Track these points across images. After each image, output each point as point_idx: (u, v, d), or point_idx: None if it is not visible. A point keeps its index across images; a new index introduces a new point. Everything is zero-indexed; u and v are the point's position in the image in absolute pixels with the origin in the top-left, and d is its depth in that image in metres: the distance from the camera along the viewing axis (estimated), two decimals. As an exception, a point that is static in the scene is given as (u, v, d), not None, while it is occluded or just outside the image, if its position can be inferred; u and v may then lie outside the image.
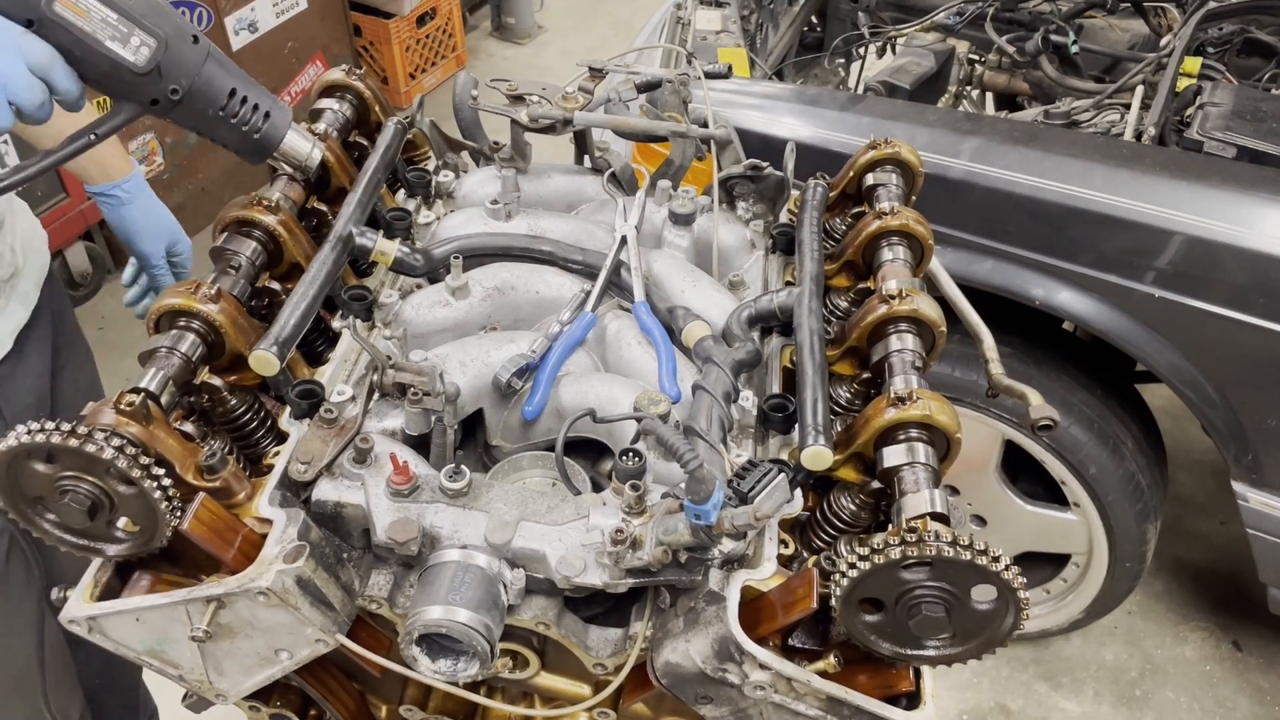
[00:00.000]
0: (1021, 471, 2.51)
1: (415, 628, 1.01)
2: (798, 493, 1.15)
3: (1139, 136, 2.26)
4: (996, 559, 0.94)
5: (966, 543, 0.94)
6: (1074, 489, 2.32)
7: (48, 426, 0.96)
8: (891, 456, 1.08)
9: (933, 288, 1.43)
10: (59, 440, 0.95)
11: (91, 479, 0.99)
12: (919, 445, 1.08)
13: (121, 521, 1.04)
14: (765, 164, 1.52)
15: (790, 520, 1.16)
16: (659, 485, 1.09)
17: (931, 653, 1.03)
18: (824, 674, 1.03)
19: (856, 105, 2.36)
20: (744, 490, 0.97)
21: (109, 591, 1.10)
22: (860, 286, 1.38)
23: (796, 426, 1.13)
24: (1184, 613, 2.89)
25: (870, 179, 1.45)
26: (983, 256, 2.12)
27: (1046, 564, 2.59)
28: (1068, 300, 2.07)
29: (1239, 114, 2.18)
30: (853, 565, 0.98)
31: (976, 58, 3.10)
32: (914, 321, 1.21)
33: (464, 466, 1.10)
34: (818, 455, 1.07)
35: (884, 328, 1.22)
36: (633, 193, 1.56)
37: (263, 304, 1.28)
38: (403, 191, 1.55)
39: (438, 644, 1.05)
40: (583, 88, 1.51)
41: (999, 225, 2.09)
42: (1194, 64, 2.48)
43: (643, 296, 1.31)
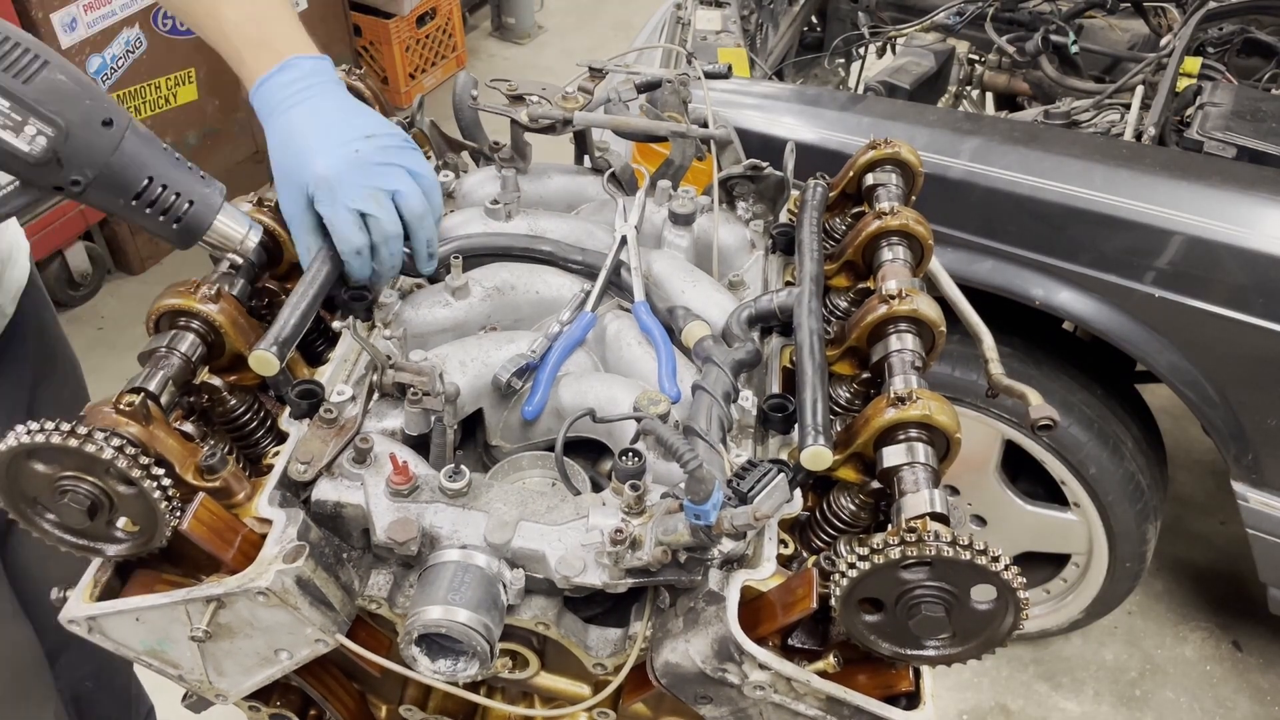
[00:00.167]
0: (1021, 471, 2.51)
1: (415, 628, 1.01)
2: (797, 493, 1.15)
3: (1139, 136, 2.26)
4: (996, 559, 0.94)
5: (966, 543, 0.94)
6: (1074, 489, 2.32)
7: (47, 426, 0.96)
8: (891, 456, 1.08)
9: (933, 288, 1.43)
10: (59, 440, 0.95)
11: (91, 479, 0.99)
12: (919, 445, 1.08)
13: (121, 521, 1.04)
14: (765, 164, 1.52)
15: (790, 520, 1.16)
16: (659, 485, 1.09)
17: (931, 653, 1.03)
18: (824, 674, 1.03)
19: (856, 105, 2.36)
20: (744, 490, 0.97)
21: (109, 591, 1.10)
22: (860, 286, 1.38)
23: (796, 426, 1.13)
24: (1184, 613, 2.89)
25: (870, 179, 1.45)
26: (983, 256, 2.12)
27: (1046, 564, 2.59)
28: (1068, 300, 2.07)
29: (1239, 114, 2.18)
30: (852, 565, 0.98)
31: (976, 58, 3.10)
32: (914, 321, 1.21)
33: (464, 466, 1.10)
34: (817, 455, 1.07)
35: (884, 328, 1.22)
36: (633, 193, 1.56)
37: (263, 304, 1.28)
38: (403, 191, 1.55)
39: (437, 644, 1.05)
40: (583, 88, 1.52)
41: (999, 225, 2.09)
42: (1194, 64, 2.48)
43: (643, 296, 1.31)
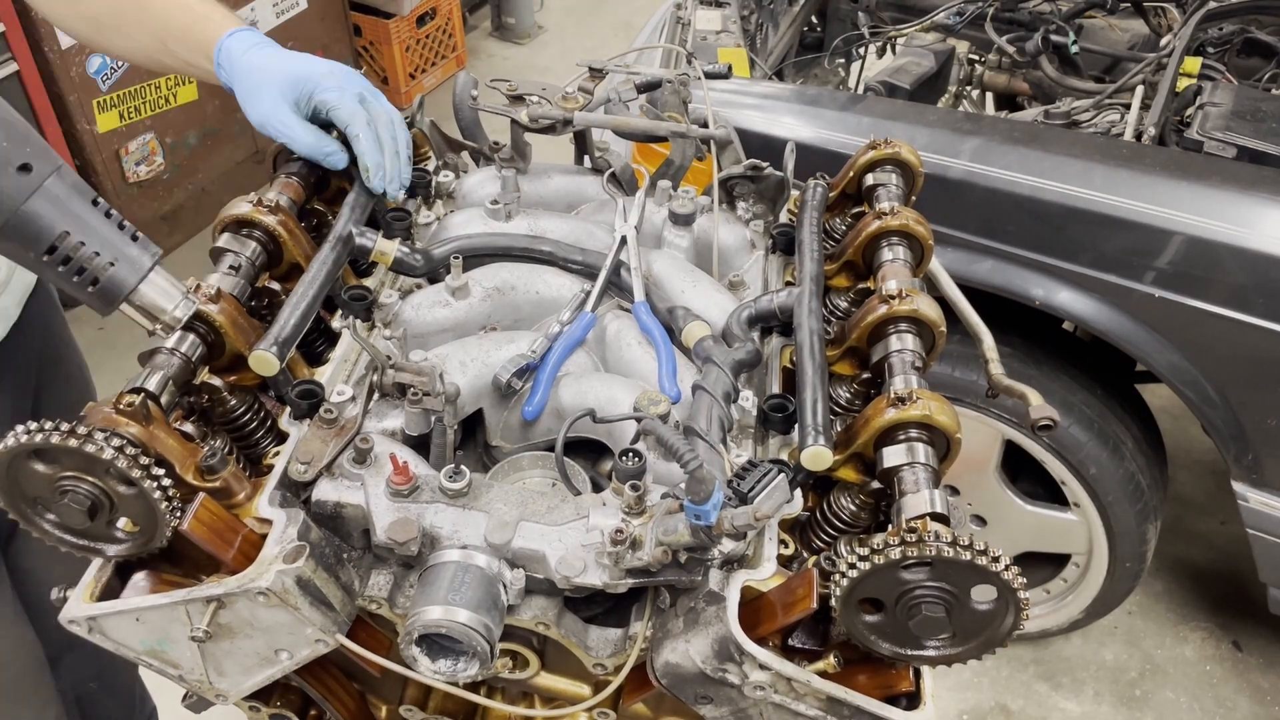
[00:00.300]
0: (1021, 471, 2.51)
1: (415, 628, 1.01)
2: (797, 493, 1.15)
3: (1139, 136, 2.26)
4: (996, 559, 0.94)
5: (966, 543, 0.94)
6: (1074, 489, 2.32)
7: (47, 426, 0.96)
8: (891, 456, 1.08)
9: (933, 288, 1.43)
10: (59, 440, 0.95)
11: (91, 479, 0.99)
12: (919, 445, 1.08)
13: (121, 522, 1.04)
14: (765, 164, 1.52)
15: (790, 520, 1.16)
16: (659, 485, 1.09)
17: (931, 653, 1.03)
18: (824, 674, 1.03)
19: (856, 105, 2.36)
20: (744, 490, 0.97)
21: (109, 591, 1.10)
22: (860, 286, 1.38)
23: (796, 426, 1.13)
24: (1184, 613, 2.89)
25: (870, 179, 1.45)
26: (983, 256, 2.12)
27: (1046, 564, 2.59)
28: (1068, 300, 2.07)
29: (1239, 114, 2.18)
30: (853, 565, 0.98)
31: (976, 58, 3.10)
32: (914, 321, 1.21)
33: (464, 466, 1.10)
34: (818, 455, 1.07)
35: (884, 328, 1.22)
36: (633, 193, 1.56)
37: (263, 304, 1.28)
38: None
39: (438, 644, 1.05)
40: (583, 88, 1.51)
41: (999, 225, 2.09)
42: (1194, 64, 2.48)
43: (643, 297, 1.31)
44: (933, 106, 2.90)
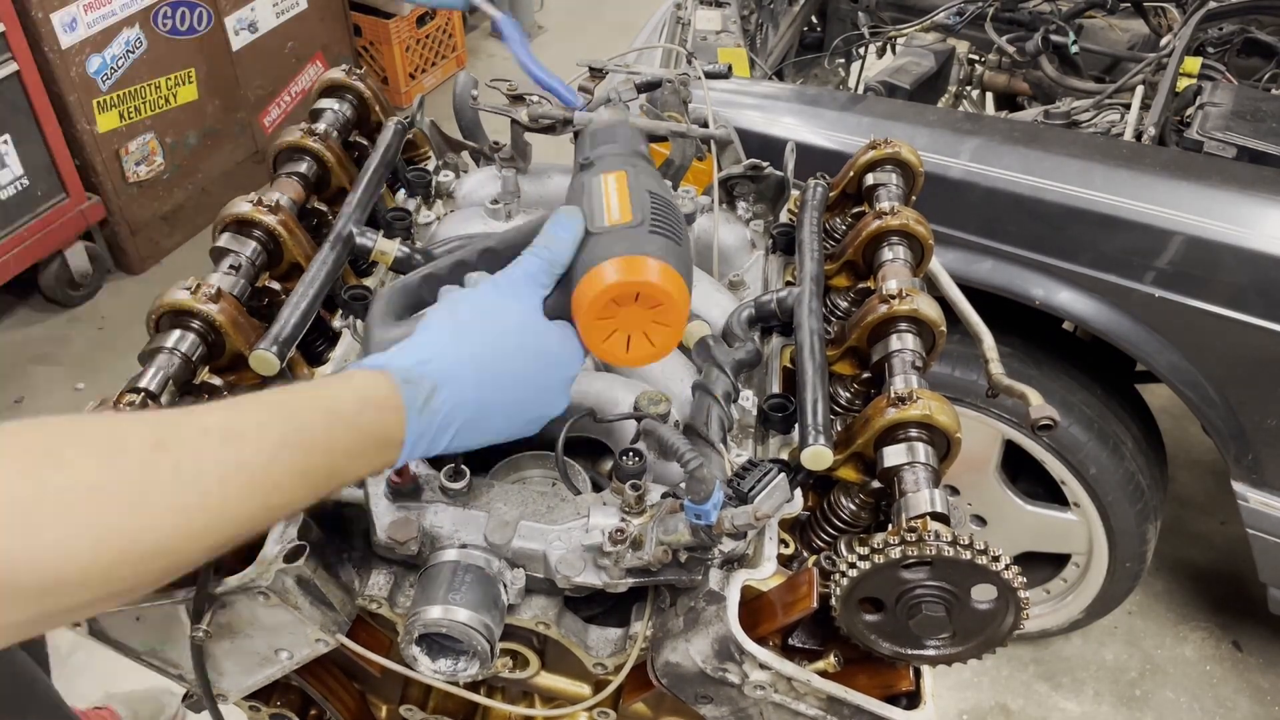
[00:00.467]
0: (1021, 471, 2.51)
1: (415, 627, 1.01)
2: (798, 493, 1.15)
3: (1139, 136, 2.26)
4: (996, 559, 0.94)
5: (966, 542, 0.94)
6: (1074, 489, 2.32)
7: (48, 426, 0.96)
8: (891, 456, 1.08)
9: (933, 288, 1.43)
10: (59, 440, 0.95)
11: (91, 479, 0.99)
12: (919, 445, 1.08)
13: (121, 521, 1.04)
14: (765, 164, 1.52)
15: (790, 520, 1.16)
16: (659, 485, 1.09)
17: (931, 652, 1.03)
18: (824, 674, 1.03)
19: (856, 105, 2.36)
20: (744, 490, 0.97)
21: (109, 591, 1.10)
22: (860, 286, 1.38)
23: (796, 426, 1.13)
24: (1184, 613, 2.89)
25: (870, 179, 1.45)
26: (983, 256, 2.12)
27: (1046, 564, 2.59)
28: (1068, 300, 2.07)
29: (1239, 114, 2.18)
30: (853, 565, 0.98)
31: (976, 58, 3.10)
32: (914, 321, 1.21)
33: (464, 466, 1.10)
34: (818, 455, 1.07)
35: (884, 328, 1.22)
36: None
37: (263, 304, 1.28)
38: (403, 191, 1.55)
39: (438, 644, 1.05)
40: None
41: (999, 225, 2.09)
42: (1194, 64, 2.48)
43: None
44: (933, 106, 2.90)
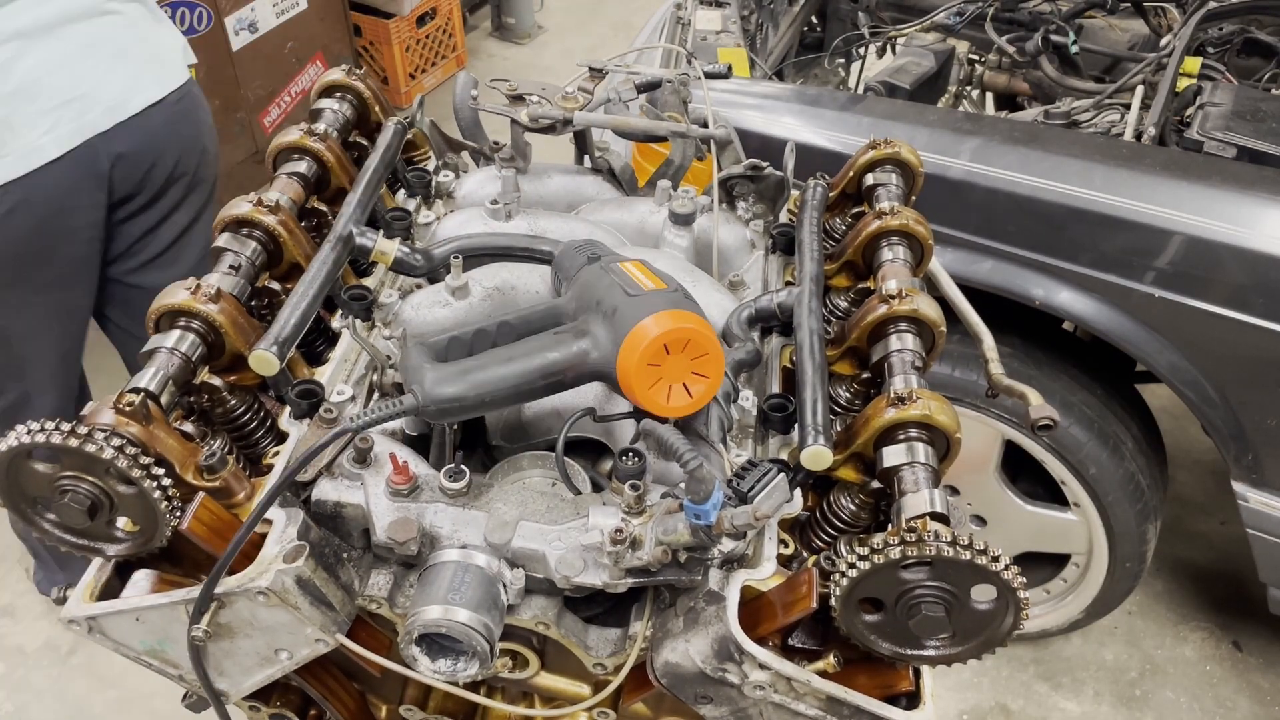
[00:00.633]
0: (1021, 471, 2.51)
1: (415, 627, 1.01)
2: (797, 493, 1.15)
3: (1139, 136, 2.26)
4: (996, 559, 0.94)
5: (966, 543, 0.94)
6: (1074, 489, 2.32)
7: (47, 426, 0.96)
8: (891, 456, 1.08)
9: (933, 288, 1.43)
10: (59, 440, 0.95)
11: (91, 479, 0.99)
12: (919, 445, 1.08)
13: (121, 521, 1.04)
14: (765, 164, 1.52)
15: (790, 520, 1.16)
16: (659, 485, 1.09)
17: (931, 653, 1.03)
18: (824, 674, 1.03)
19: (856, 105, 2.36)
20: (744, 490, 0.97)
21: (109, 591, 1.10)
22: (860, 286, 1.39)
23: (796, 426, 1.13)
24: (1184, 613, 2.89)
25: (870, 179, 1.45)
26: (983, 256, 2.12)
27: (1046, 564, 2.59)
28: (1068, 300, 2.07)
29: (1239, 114, 2.18)
30: (852, 565, 0.98)
31: (976, 58, 3.09)
32: (914, 321, 1.21)
33: (464, 466, 1.10)
34: (817, 455, 1.07)
35: (884, 328, 1.22)
36: (633, 192, 1.57)
37: (263, 304, 1.28)
38: (403, 191, 1.55)
39: (437, 644, 1.05)
40: (583, 88, 1.52)
41: (999, 225, 2.09)
42: (1194, 64, 2.48)
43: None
44: (933, 106, 2.89)
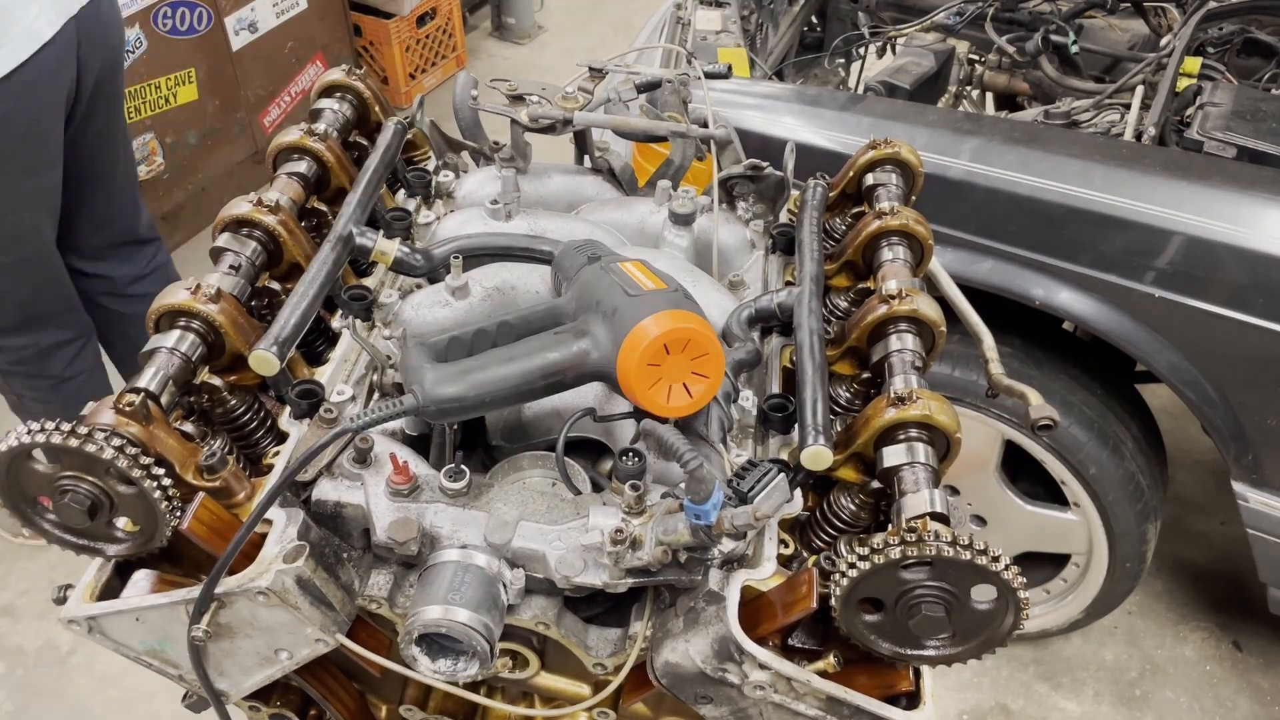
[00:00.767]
0: (1021, 471, 2.51)
1: (415, 627, 1.01)
2: (797, 493, 1.15)
3: (1139, 136, 2.26)
4: (996, 559, 0.94)
5: (966, 543, 0.94)
6: (1074, 489, 2.32)
7: (48, 426, 0.96)
8: (891, 456, 1.08)
9: (933, 288, 1.43)
10: (59, 440, 0.95)
11: (91, 479, 0.99)
12: (919, 445, 1.08)
13: (121, 521, 1.04)
14: (765, 164, 1.52)
15: (790, 520, 1.16)
16: (659, 485, 1.09)
17: (931, 653, 1.03)
18: (824, 674, 1.03)
19: (856, 105, 2.36)
20: (744, 490, 0.97)
21: (109, 591, 1.10)
22: (860, 286, 1.39)
23: (796, 426, 1.13)
24: (1184, 613, 2.89)
25: (870, 179, 1.45)
26: (983, 256, 2.12)
27: (1046, 564, 2.59)
28: (1068, 300, 2.07)
29: (1239, 114, 2.18)
30: (853, 565, 0.98)
31: (976, 58, 3.09)
32: (914, 321, 1.21)
33: (464, 466, 1.10)
34: (818, 455, 1.07)
35: (884, 328, 1.22)
36: (633, 193, 1.57)
37: (263, 304, 1.28)
38: (403, 191, 1.55)
39: (437, 644, 1.05)
40: (583, 88, 1.52)
41: (999, 225, 2.09)
42: (1194, 64, 2.48)
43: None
44: (933, 106, 2.89)
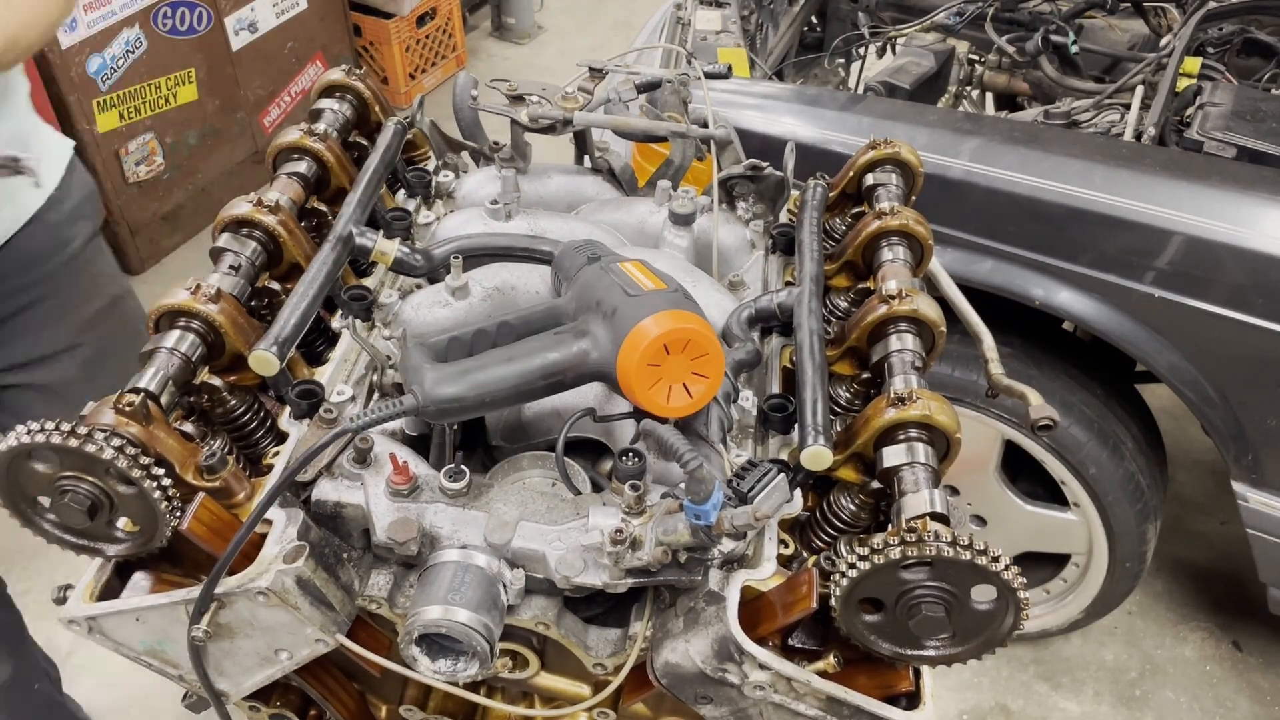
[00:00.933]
0: (1021, 471, 2.51)
1: (415, 628, 1.01)
2: (797, 493, 1.15)
3: (1139, 136, 2.26)
4: (996, 559, 0.94)
5: (966, 543, 0.94)
6: (1074, 489, 2.32)
7: (48, 426, 0.96)
8: (891, 456, 1.08)
9: (933, 288, 1.43)
10: (59, 440, 0.95)
11: (91, 479, 0.99)
12: (919, 445, 1.08)
13: (121, 521, 1.04)
14: (765, 164, 1.52)
15: (790, 520, 1.16)
16: (659, 485, 1.09)
17: (931, 653, 1.03)
18: (824, 674, 1.03)
19: (856, 105, 2.36)
20: (744, 490, 0.97)
21: (109, 592, 1.10)
22: (860, 286, 1.38)
23: (796, 426, 1.13)
24: (1184, 613, 2.89)
25: (870, 179, 1.45)
26: (983, 256, 2.12)
27: (1046, 564, 2.59)
28: (1068, 300, 2.07)
29: (1239, 114, 2.18)
30: (853, 565, 0.98)
31: (976, 58, 3.09)
32: (914, 321, 1.21)
33: (464, 466, 1.10)
34: (817, 455, 1.07)
35: (884, 328, 1.22)
36: (633, 193, 1.57)
37: (263, 304, 1.28)
38: (403, 191, 1.55)
39: (437, 644, 1.05)
40: (583, 88, 1.52)
41: (999, 225, 2.09)
42: (1194, 64, 2.48)
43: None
44: (933, 106, 2.89)
